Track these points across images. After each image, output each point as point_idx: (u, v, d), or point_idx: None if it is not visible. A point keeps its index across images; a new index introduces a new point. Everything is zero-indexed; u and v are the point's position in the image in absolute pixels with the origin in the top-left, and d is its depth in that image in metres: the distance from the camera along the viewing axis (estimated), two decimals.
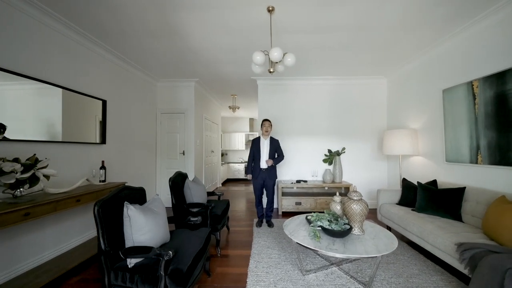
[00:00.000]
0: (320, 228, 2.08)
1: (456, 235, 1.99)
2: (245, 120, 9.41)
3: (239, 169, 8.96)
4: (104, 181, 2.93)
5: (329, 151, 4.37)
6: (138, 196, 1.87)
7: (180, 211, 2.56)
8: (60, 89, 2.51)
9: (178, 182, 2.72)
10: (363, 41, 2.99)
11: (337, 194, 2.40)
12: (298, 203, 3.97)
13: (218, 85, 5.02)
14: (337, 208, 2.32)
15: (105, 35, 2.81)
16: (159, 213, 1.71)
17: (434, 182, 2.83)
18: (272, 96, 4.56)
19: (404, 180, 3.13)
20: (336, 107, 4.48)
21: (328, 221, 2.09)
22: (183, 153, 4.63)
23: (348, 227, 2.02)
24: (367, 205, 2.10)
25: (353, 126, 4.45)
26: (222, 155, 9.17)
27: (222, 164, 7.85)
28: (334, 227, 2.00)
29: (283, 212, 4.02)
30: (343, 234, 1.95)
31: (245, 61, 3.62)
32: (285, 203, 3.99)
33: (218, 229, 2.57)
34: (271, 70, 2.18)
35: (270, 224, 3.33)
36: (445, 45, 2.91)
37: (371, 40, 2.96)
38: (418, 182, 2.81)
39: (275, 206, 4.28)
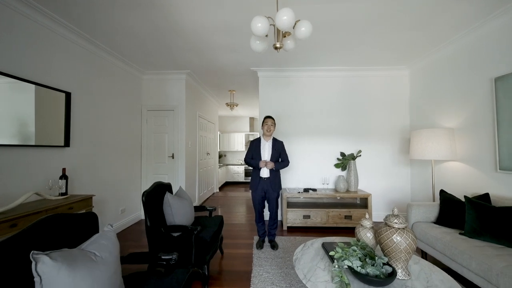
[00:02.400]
0: (346, 267, 1.46)
1: None
2: (245, 119, 8.80)
3: (238, 171, 8.34)
4: (65, 194, 2.32)
5: (342, 154, 3.74)
6: (78, 229, 1.25)
7: (157, 238, 1.94)
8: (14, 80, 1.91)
9: (156, 196, 2.10)
10: (389, 17, 2.36)
11: (366, 216, 1.77)
12: (307, 217, 3.35)
13: (213, 78, 4.39)
14: (367, 236, 1.69)
15: (63, 7, 2.19)
16: (104, 260, 1.09)
17: (486, 197, 2.20)
18: (275, 91, 3.93)
19: (442, 192, 2.49)
20: (349, 103, 3.85)
21: (360, 259, 1.46)
22: (173, 156, 4.01)
23: (389, 269, 1.39)
24: (415, 237, 1.47)
25: (369, 125, 3.82)
26: (220, 156, 8.56)
27: (220, 166, 7.24)
28: (371, 270, 1.37)
29: (288, 227, 3.39)
30: (384, 283, 1.32)
31: (243, 46, 3.00)
32: (290, 217, 3.36)
33: (207, 260, 1.95)
34: (278, 45, 1.55)
35: (273, 246, 2.70)
36: (499, 20, 2.27)
37: (400, 16, 2.34)
38: (466, 197, 2.17)
39: (278, 218, 3.64)
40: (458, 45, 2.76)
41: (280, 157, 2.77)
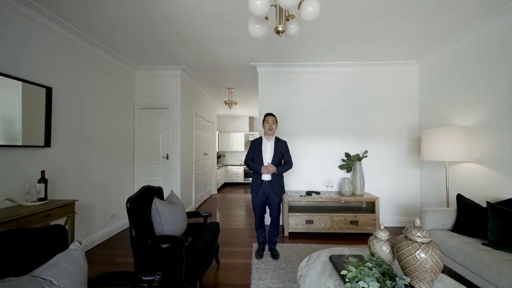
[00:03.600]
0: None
1: None
2: (245, 118, 8.58)
3: (237, 172, 8.12)
4: (44, 199, 2.09)
5: (347, 155, 3.52)
6: (39, 247, 1.03)
7: (143, 250, 1.72)
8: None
9: (143, 202, 1.88)
10: (399, 6, 2.16)
11: (382, 226, 1.55)
12: (309, 222, 3.13)
13: (210, 74, 4.17)
14: (383, 250, 1.47)
15: None
16: None
17: (510, 202, 1.98)
18: (276, 88, 3.71)
19: (460, 197, 2.28)
20: (354, 101, 3.63)
21: (377, 279, 1.24)
22: (167, 157, 3.79)
23: None
24: (442, 253, 1.25)
25: (375, 124, 3.59)
26: (219, 157, 8.34)
27: (218, 167, 7.01)
28: None
29: (290, 233, 3.17)
30: None
31: (242, 38, 2.78)
32: (292, 222, 3.14)
33: (199, 275, 1.73)
34: (280, 28, 1.33)
35: (274, 255, 2.48)
36: None
37: (411, 5, 2.13)
38: (488, 203, 1.96)
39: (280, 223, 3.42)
40: (475, 36, 2.54)
41: (283, 159, 2.55)
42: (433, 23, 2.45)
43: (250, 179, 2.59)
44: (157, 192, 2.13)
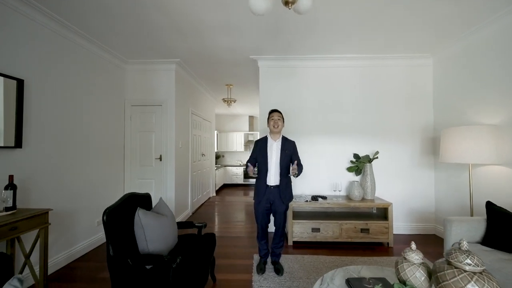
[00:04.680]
0: None
1: None
2: (244, 117, 8.30)
3: (237, 173, 7.83)
4: (11, 208, 1.80)
5: (356, 156, 3.23)
6: None
7: (124, 272, 1.43)
8: None
9: (126, 213, 1.60)
10: None
11: (413, 246, 1.26)
12: (316, 230, 2.84)
13: (207, 69, 3.89)
14: (416, 276, 1.18)
15: None
16: None
17: None
18: (278, 83, 3.43)
19: (490, 204, 1.99)
20: (363, 98, 3.35)
21: None
22: (160, 158, 3.50)
23: None
24: (499, 286, 0.97)
25: (386, 122, 3.31)
26: (218, 157, 8.04)
27: (217, 168, 6.72)
28: None
29: (294, 243, 2.88)
30: None
31: (241, 24, 2.50)
32: (297, 230, 2.86)
33: None
34: None
35: (278, 270, 2.19)
36: None
37: None
38: None
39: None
40: (504, 24, 2.25)
41: (292, 161, 2.25)
42: (458, 6, 2.16)
43: (250, 180, 2.29)
44: (144, 200, 1.85)
